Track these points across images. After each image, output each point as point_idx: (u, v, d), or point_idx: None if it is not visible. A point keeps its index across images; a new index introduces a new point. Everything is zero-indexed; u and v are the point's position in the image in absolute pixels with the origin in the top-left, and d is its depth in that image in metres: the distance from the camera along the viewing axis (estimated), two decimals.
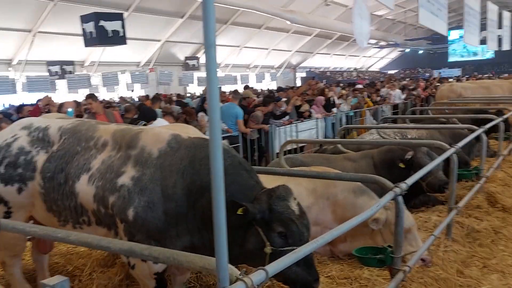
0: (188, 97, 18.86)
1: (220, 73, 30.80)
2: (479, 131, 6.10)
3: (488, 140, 8.75)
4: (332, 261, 4.24)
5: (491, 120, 7.61)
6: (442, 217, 4.78)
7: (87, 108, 7.87)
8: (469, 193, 5.30)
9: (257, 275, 1.69)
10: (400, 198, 3.16)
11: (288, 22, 26.25)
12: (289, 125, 9.81)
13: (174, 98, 15.27)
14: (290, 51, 38.11)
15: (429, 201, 5.63)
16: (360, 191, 4.36)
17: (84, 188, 3.14)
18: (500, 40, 8.87)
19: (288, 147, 8.25)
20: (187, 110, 8.83)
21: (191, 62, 28.42)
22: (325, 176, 4.14)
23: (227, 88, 25.05)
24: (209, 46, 1.50)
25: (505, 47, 9.23)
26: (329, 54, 44.10)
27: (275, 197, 2.81)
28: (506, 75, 29.01)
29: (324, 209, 4.40)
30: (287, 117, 10.09)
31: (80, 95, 16.63)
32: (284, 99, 11.44)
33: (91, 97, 7.75)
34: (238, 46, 32.40)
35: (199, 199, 2.85)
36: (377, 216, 4.03)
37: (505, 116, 8.47)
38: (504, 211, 5.65)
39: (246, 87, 14.09)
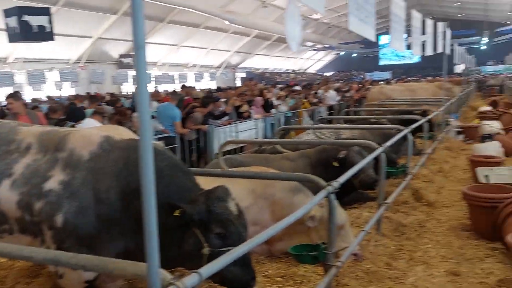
0: (123, 96, 18.28)
1: (157, 72, 30.16)
2: (405, 131, 6.47)
3: (414, 139, 9.33)
4: (269, 260, 4.31)
5: (416, 120, 8.12)
6: (372, 213, 5.01)
7: (8, 109, 7.31)
8: (396, 190, 5.61)
9: (190, 279, 1.68)
10: (333, 196, 3.28)
11: (227, 22, 26.29)
12: (228, 126, 9.81)
13: (108, 97, 14.76)
14: (229, 51, 38.19)
15: (361, 197, 5.89)
16: (297, 190, 4.46)
17: (6, 194, 2.94)
18: (424, 46, 9.50)
19: (228, 148, 8.25)
20: (121, 110, 8.53)
21: (125, 60, 27.55)
22: (263, 176, 4.21)
23: (164, 88, 24.66)
24: (138, 47, 1.47)
25: (428, 52, 9.89)
26: (268, 55, 44.75)
27: (214, 198, 2.81)
28: (430, 78, 30.98)
29: (263, 209, 4.45)
30: (226, 118, 10.09)
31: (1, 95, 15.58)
32: (223, 100, 11.44)
33: (12, 96, 7.20)
34: (176, 45, 31.93)
35: (133, 202, 2.78)
36: (312, 213, 4.15)
37: (429, 117, 9.05)
38: (428, 205, 6.05)
39: (183, 87, 13.90)
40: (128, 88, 26.01)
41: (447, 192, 6.92)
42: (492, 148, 8.80)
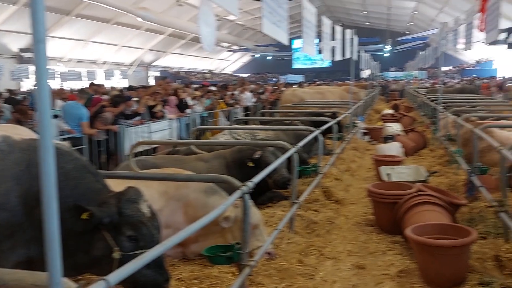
0: (22, 93, 16.88)
1: (62, 68, 28.33)
2: (316, 132, 6.77)
3: (324, 140, 9.79)
4: (183, 263, 4.24)
5: (327, 122, 8.52)
6: (285, 211, 5.15)
7: None
8: (308, 188, 5.83)
9: (96, 286, 1.59)
10: (247, 196, 3.32)
11: (140, 19, 25.44)
12: (140, 126, 9.50)
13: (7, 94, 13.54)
14: (142, 48, 37.06)
15: (275, 197, 6.03)
16: (212, 191, 4.44)
17: None
18: (333, 51, 10.03)
19: (140, 149, 7.98)
20: (21, 109, 7.85)
21: (26, 55, 25.47)
22: (175, 178, 4.13)
23: (70, 85, 23.21)
24: (38, 41, 1.36)
25: (337, 57, 10.46)
26: (183, 54, 44.14)
27: (125, 200, 2.74)
28: (340, 82, 32.72)
29: (175, 210, 4.37)
30: (138, 118, 9.76)
31: None
32: (135, 99, 11.05)
33: None
34: (83, 40, 30.25)
35: (36, 206, 2.58)
36: (227, 214, 4.16)
37: (338, 119, 9.56)
38: (337, 203, 6.36)
39: (92, 85, 13.18)
40: (28, 84, 24.08)
41: (354, 189, 7.35)
42: (394, 149, 9.51)
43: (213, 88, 17.85)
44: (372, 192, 5.50)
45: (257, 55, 55.68)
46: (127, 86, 19.36)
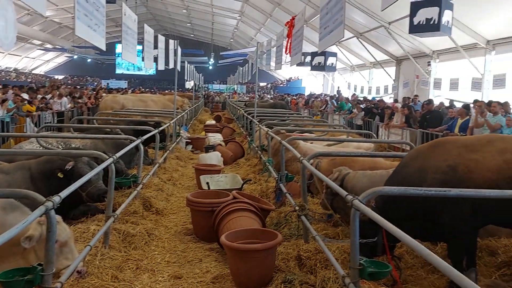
0: None
1: None
2: (137, 141, 6.59)
3: (148, 150, 9.62)
4: None
5: (149, 131, 8.38)
6: (100, 225, 4.87)
7: None
8: (126, 200, 5.62)
9: None
10: (52, 212, 3.02)
11: None
12: None
13: None
14: None
15: (89, 210, 5.64)
16: (12, 208, 3.91)
17: None
18: (156, 60, 9.97)
19: None
20: None
21: None
22: None
23: None
24: None
25: (160, 67, 10.43)
26: None
27: None
28: (167, 91, 32.74)
29: None
30: None
31: None
32: None
33: None
34: None
35: None
36: (30, 233, 3.71)
37: (160, 128, 9.49)
38: (157, 214, 6.31)
39: None
40: None
41: (175, 199, 7.38)
42: (214, 158, 9.91)
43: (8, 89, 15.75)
44: (190, 201, 5.61)
45: (75, 57, 51.63)
46: None
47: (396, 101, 18.45)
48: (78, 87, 28.40)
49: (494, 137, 4.15)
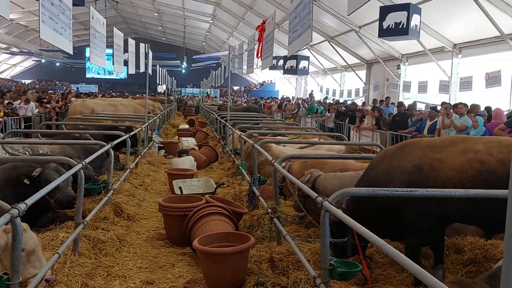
0: None
1: None
2: (107, 146, 6.48)
3: (118, 154, 9.47)
4: None
5: (120, 136, 8.25)
6: (69, 233, 4.76)
7: None
8: (96, 206, 5.52)
9: None
10: (18, 220, 2.94)
11: None
12: None
13: None
14: None
15: (58, 217, 5.51)
16: None
17: None
18: (127, 63, 9.84)
19: None
20: None
21: None
22: None
23: None
24: None
25: (131, 70, 10.30)
26: None
27: None
28: (138, 95, 32.32)
29: None
30: None
31: None
32: None
33: None
34: None
35: None
36: None
37: (132, 133, 9.37)
38: (129, 219, 6.21)
39: None
40: None
41: (147, 204, 7.29)
42: (188, 162, 9.83)
43: None
44: (163, 206, 5.56)
45: (43, 60, 50.35)
46: None
47: (364, 104, 18.77)
48: (48, 91, 27.71)
49: (457, 138, 4.29)
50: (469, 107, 10.60)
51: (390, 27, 11.53)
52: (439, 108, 12.01)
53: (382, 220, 3.92)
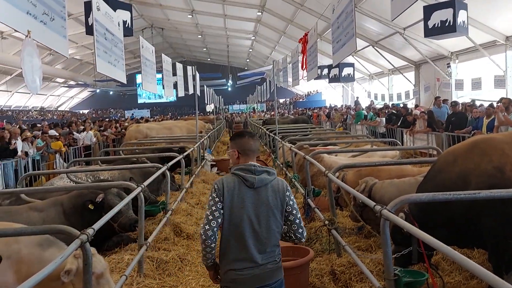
0: None
1: None
2: (163, 168, 6.69)
3: (174, 175, 9.74)
4: None
5: (174, 157, 8.49)
6: (134, 255, 4.94)
7: None
8: (157, 228, 5.70)
9: None
10: (87, 245, 3.10)
11: None
12: None
13: None
14: None
15: (122, 240, 5.74)
16: (48, 244, 4.02)
17: None
18: (176, 87, 10.20)
19: None
20: None
21: None
22: (3, 233, 3.63)
23: None
24: None
25: (180, 93, 10.63)
26: (10, 91, 39.69)
27: None
28: (187, 116, 33.23)
29: (5, 270, 3.83)
30: None
31: None
32: None
33: None
34: None
35: None
36: (68, 267, 3.80)
37: (185, 153, 9.62)
38: (188, 238, 6.35)
39: None
40: None
41: None
42: None
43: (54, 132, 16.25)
44: None
45: (98, 90, 53.19)
46: None
47: (416, 106, 18.20)
48: (102, 119, 29.13)
49: None
50: None
51: (436, 25, 11.19)
52: (495, 104, 11.43)
53: (450, 225, 3.66)
